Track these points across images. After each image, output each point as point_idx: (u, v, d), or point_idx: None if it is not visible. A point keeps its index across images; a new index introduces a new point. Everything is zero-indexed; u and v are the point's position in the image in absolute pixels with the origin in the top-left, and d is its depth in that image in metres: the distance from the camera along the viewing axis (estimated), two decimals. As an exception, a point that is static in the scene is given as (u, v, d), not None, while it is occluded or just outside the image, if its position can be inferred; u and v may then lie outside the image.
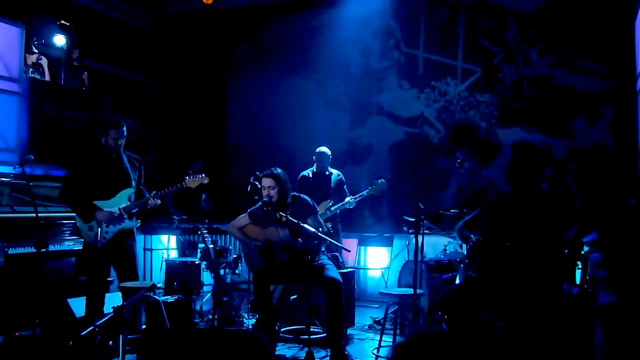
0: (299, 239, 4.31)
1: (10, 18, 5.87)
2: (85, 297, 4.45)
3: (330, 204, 5.99)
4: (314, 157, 6.32)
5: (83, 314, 4.50)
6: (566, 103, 6.91)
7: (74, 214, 4.63)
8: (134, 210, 4.55)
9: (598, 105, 6.79)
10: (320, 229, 4.32)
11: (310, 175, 6.30)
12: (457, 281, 4.28)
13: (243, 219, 4.71)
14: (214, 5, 8.18)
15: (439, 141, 7.49)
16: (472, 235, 3.80)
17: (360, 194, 6.03)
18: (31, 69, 6.34)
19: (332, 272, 4.37)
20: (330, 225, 5.91)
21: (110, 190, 4.48)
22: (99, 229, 4.39)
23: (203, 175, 4.63)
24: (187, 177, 4.59)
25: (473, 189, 6.96)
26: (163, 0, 8.79)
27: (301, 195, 4.70)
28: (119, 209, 4.45)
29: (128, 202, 4.50)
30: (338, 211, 6.02)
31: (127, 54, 8.36)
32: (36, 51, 6.39)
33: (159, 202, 4.56)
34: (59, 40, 6.60)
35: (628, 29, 6.40)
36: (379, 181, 6.01)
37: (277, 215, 4.32)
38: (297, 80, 8.15)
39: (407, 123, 7.65)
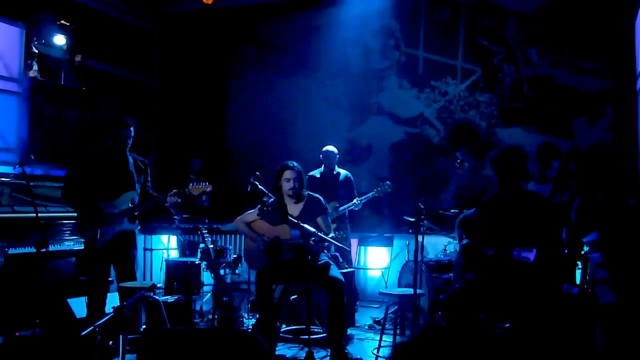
0: (312, 242, 4.29)
1: (10, 18, 5.87)
2: (86, 297, 4.45)
3: (337, 204, 6.01)
4: (320, 155, 6.33)
5: (83, 314, 4.50)
6: (566, 103, 6.91)
7: (75, 213, 4.63)
8: (137, 213, 4.53)
9: (598, 105, 6.79)
10: (330, 235, 4.31)
11: (318, 176, 6.31)
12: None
13: (252, 214, 4.71)
14: (214, 5, 8.18)
15: (439, 141, 7.49)
16: (463, 235, 3.82)
17: (366, 195, 6.04)
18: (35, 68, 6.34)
19: (334, 271, 4.38)
20: (335, 226, 5.95)
21: (113, 192, 4.47)
22: (98, 229, 4.40)
23: (207, 183, 4.59)
24: (191, 184, 4.56)
25: (473, 189, 6.96)
26: (163, 0, 8.79)
27: (316, 194, 4.71)
28: (120, 211, 4.45)
29: (130, 205, 4.50)
30: (347, 212, 6.03)
31: (127, 54, 8.35)
32: (36, 50, 6.38)
33: (179, 199, 4.53)
34: (59, 40, 6.60)
35: (628, 29, 6.40)
36: (386, 183, 6.03)
37: (280, 213, 4.35)
38: (297, 80, 8.15)
39: (407, 123, 7.65)
